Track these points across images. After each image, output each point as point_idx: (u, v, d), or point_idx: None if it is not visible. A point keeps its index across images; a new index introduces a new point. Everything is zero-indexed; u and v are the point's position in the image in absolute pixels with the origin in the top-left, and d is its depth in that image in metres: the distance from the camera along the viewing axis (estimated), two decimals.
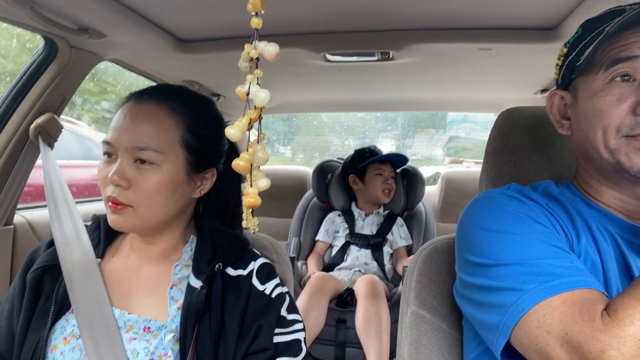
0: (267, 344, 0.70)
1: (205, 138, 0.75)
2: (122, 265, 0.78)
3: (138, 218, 0.70)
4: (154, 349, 0.68)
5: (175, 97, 0.74)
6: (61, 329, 0.70)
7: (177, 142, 0.72)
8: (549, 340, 0.52)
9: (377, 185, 2.07)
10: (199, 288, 0.71)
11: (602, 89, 0.60)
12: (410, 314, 0.83)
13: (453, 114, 5.34)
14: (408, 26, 1.19)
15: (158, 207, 0.71)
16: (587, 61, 0.62)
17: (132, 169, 0.69)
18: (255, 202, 0.44)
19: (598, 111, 0.61)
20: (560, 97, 0.70)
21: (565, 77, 0.68)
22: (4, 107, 1.19)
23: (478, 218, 0.66)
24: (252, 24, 0.41)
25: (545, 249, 0.58)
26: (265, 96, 0.41)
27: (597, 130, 0.61)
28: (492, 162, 0.85)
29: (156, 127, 0.70)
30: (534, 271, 0.56)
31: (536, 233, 0.60)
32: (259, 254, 0.81)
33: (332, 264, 2.06)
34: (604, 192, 0.66)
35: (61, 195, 0.90)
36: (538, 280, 0.55)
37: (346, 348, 1.74)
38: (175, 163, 0.71)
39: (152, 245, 0.77)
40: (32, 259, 0.78)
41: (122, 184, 0.68)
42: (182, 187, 0.73)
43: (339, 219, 2.14)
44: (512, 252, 0.59)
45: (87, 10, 1.00)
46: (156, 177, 0.69)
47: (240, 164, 0.43)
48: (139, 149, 0.68)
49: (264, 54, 0.41)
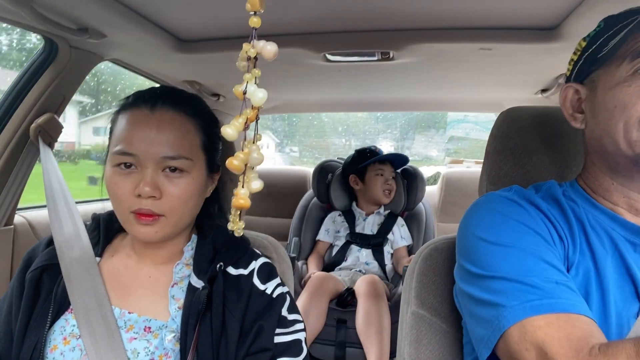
0: (267, 344, 0.70)
1: (215, 138, 0.77)
2: (122, 264, 0.78)
3: (170, 226, 0.70)
4: (155, 349, 0.68)
5: (185, 100, 0.74)
6: (60, 329, 0.70)
7: (199, 146, 0.72)
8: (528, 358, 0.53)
9: (377, 186, 2.07)
10: (200, 288, 0.70)
11: (625, 80, 0.60)
12: (411, 314, 0.83)
13: (453, 114, 5.34)
14: (408, 26, 1.19)
15: (188, 212, 0.72)
16: (610, 53, 0.61)
17: (160, 177, 0.68)
18: (245, 204, 0.44)
19: (620, 102, 0.60)
20: (574, 91, 0.69)
21: (582, 70, 0.67)
22: (5, 107, 1.19)
23: (475, 226, 0.67)
24: (251, 23, 0.41)
25: (537, 265, 0.59)
26: (262, 96, 0.41)
27: (618, 122, 0.60)
28: (492, 162, 0.85)
29: (182, 134, 0.69)
30: (521, 288, 0.57)
31: (530, 246, 0.61)
32: (260, 254, 0.81)
33: (333, 264, 2.06)
34: (613, 190, 0.65)
35: (60, 194, 0.90)
36: (522, 298, 0.56)
37: (346, 348, 1.74)
38: (200, 167, 0.72)
39: (160, 250, 0.77)
40: (31, 257, 0.78)
41: (155, 194, 0.66)
42: (204, 189, 0.75)
43: (340, 219, 2.14)
44: (503, 266, 0.60)
45: (87, 10, 1.00)
46: (187, 184, 0.69)
47: (235, 162, 0.42)
48: (170, 159, 0.67)
49: (262, 53, 0.41)
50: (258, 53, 0.41)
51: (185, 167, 0.69)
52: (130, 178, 0.68)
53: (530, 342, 0.53)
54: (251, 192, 0.45)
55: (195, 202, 0.72)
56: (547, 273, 0.58)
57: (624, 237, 0.63)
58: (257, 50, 0.41)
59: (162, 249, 0.77)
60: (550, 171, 0.81)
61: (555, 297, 0.55)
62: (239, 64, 0.43)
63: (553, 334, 0.52)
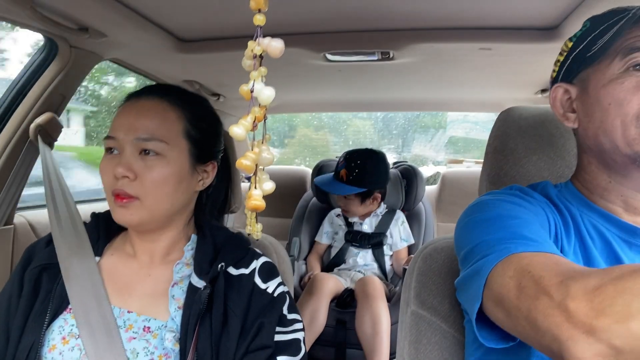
0: (267, 341, 0.70)
1: (206, 131, 0.77)
2: (122, 263, 0.78)
3: (145, 210, 0.70)
4: (154, 349, 0.68)
5: (174, 93, 0.77)
6: (59, 329, 0.70)
7: (180, 133, 0.73)
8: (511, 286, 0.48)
9: (337, 203, 2.09)
10: (202, 288, 0.70)
11: (618, 77, 0.60)
12: (410, 313, 0.83)
13: (453, 114, 5.34)
14: (408, 26, 1.19)
15: (165, 198, 0.72)
16: (600, 51, 0.61)
17: (137, 160, 0.70)
18: (260, 205, 0.43)
19: (615, 100, 0.60)
20: (564, 91, 0.69)
21: (570, 70, 0.67)
22: (4, 106, 1.19)
23: (467, 213, 0.66)
24: (255, 22, 0.40)
25: (527, 225, 0.57)
26: (269, 94, 0.40)
27: (614, 120, 0.60)
28: (492, 162, 0.85)
29: (160, 119, 0.72)
30: (508, 237, 0.54)
31: (522, 215, 0.59)
32: (260, 253, 0.82)
33: (332, 265, 2.06)
34: (611, 189, 0.65)
35: (60, 194, 0.90)
36: (508, 243, 0.53)
37: (346, 349, 1.74)
38: (179, 154, 0.72)
39: (154, 243, 0.77)
40: (30, 255, 0.78)
41: (128, 174, 0.68)
42: (187, 179, 0.74)
43: (338, 220, 2.14)
44: (491, 232, 0.58)
45: (87, 10, 1.00)
46: (162, 167, 0.70)
47: (246, 163, 0.42)
48: (144, 140, 0.69)
49: (268, 51, 0.40)
50: (264, 51, 0.40)
51: (160, 149, 0.70)
52: (113, 161, 0.70)
53: (514, 269, 0.49)
54: (264, 193, 0.44)
55: (174, 188, 0.72)
56: (538, 231, 0.56)
57: (619, 237, 0.63)
58: (263, 48, 0.40)
59: (155, 242, 0.77)
60: (550, 171, 0.81)
61: (544, 244, 0.53)
62: (244, 63, 0.42)
63: (538, 260, 0.49)
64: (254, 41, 0.40)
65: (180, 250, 0.79)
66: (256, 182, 0.44)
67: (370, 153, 1.97)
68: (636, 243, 0.62)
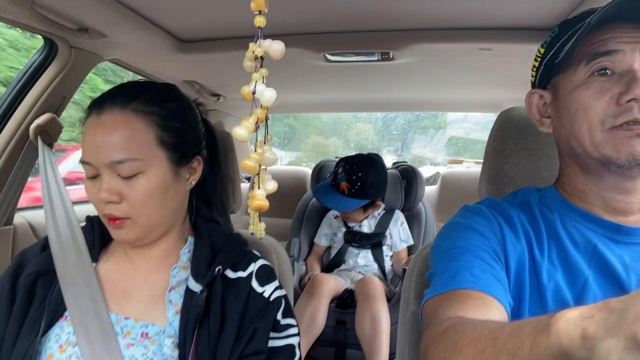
0: (261, 347, 0.69)
1: (180, 130, 0.73)
2: (118, 269, 0.76)
3: (139, 227, 0.70)
4: (153, 355, 0.67)
5: (137, 96, 0.70)
6: (56, 337, 0.68)
7: (153, 143, 0.69)
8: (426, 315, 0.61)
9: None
10: (198, 292, 0.69)
11: (583, 82, 0.61)
12: (411, 314, 0.83)
13: (453, 114, 5.34)
14: (408, 26, 1.19)
15: (154, 211, 0.70)
16: (566, 57, 0.62)
17: (118, 182, 0.67)
18: (264, 205, 0.43)
19: (580, 105, 0.61)
20: (539, 96, 0.70)
21: (543, 76, 0.69)
22: (4, 107, 1.19)
23: (434, 243, 0.72)
24: (256, 23, 0.40)
25: (468, 257, 0.62)
26: (271, 95, 0.40)
27: (581, 125, 0.61)
28: (492, 162, 0.85)
29: (127, 135, 0.67)
30: (448, 274, 0.62)
31: (470, 243, 0.64)
32: (258, 255, 0.80)
33: (332, 266, 2.06)
34: (588, 191, 0.65)
35: (58, 196, 0.89)
36: (442, 281, 0.61)
37: (346, 349, 1.74)
38: (158, 164, 0.69)
39: (151, 250, 0.76)
40: (23, 261, 0.76)
41: (113, 199, 0.67)
42: (173, 185, 0.72)
43: (336, 221, 2.12)
44: (441, 261, 0.65)
45: (87, 10, 1.00)
46: (143, 184, 0.68)
47: (249, 164, 0.42)
48: (117, 163, 0.66)
49: (269, 52, 0.40)
50: (265, 52, 0.40)
51: (137, 168, 0.67)
52: (96, 185, 0.68)
53: (430, 308, 0.60)
54: (267, 193, 0.44)
55: (160, 200, 0.70)
56: (474, 262, 0.61)
57: (604, 235, 0.64)
58: (264, 49, 0.40)
59: (151, 249, 0.76)
60: (549, 171, 0.81)
61: (461, 276, 0.60)
62: (245, 64, 0.42)
63: (431, 305, 0.60)
64: (255, 43, 0.40)
65: (177, 254, 0.77)
66: (259, 182, 0.43)
67: (369, 162, 1.93)
68: (622, 240, 0.63)
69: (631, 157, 0.57)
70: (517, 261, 0.64)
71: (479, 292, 0.58)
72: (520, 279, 0.64)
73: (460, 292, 0.58)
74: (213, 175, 0.84)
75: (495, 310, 0.57)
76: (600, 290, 0.61)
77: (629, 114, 0.57)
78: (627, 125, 0.57)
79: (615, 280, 0.61)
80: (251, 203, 0.43)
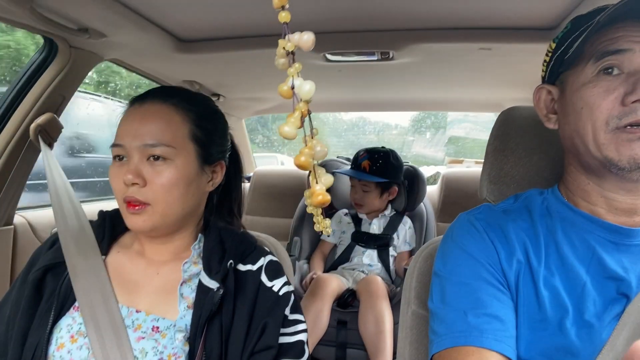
0: (272, 341, 0.70)
1: (211, 131, 0.77)
2: (129, 261, 0.78)
3: (157, 215, 0.71)
4: (163, 349, 0.68)
5: (178, 95, 0.76)
6: (67, 327, 0.70)
7: (186, 136, 0.73)
8: None
9: (352, 197, 2.07)
10: (214, 289, 0.70)
11: (590, 80, 0.60)
12: (411, 313, 0.83)
13: (453, 113, 5.34)
14: (408, 26, 1.19)
15: (175, 202, 0.72)
16: (575, 54, 0.61)
17: (145, 166, 0.70)
18: (326, 199, 0.41)
19: (586, 103, 0.60)
20: (547, 92, 0.70)
21: (553, 71, 0.68)
22: (5, 106, 1.19)
23: (436, 263, 0.72)
24: (280, 19, 0.39)
25: (477, 301, 0.62)
26: (310, 87, 0.39)
27: (586, 124, 0.60)
28: (492, 162, 0.85)
29: (165, 124, 0.71)
30: (452, 318, 0.63)
31: (471, 278, 0.65)
32: (268, 251, 0.82)
33: (337, 264, 2.06)
34: (590, 190, 0.65)
35: (64, 192, 0.90)
36: (449, 329, 0.62)
37: (347, 349, 1.74)
38: (187, 157, 0.72)
39: (165, 245, 0.77)
40: (35, 259, 0.78)
41: (138, 181, 0.69)
42: (196, 180, 0.74)
43: (346, 219, 2.13)
44: (449, 300, 0.65)
45: (87, 10, 1.00)
46: (170, 171, 0.70)
47: (303, 159, 0.41)
48: (150, 146, 0.70)
49: (300, 45, 0.39)
50: (295, 46, 0.40)
51: (168, 154, 0.70)
52: (123, 169, 0.70)
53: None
54: (326, 186, 0.43)
55: (183, 191, 0.72)
56: (480, 305, 0.62)
57: (605, 238, 0.63)
58: (294, 44, 0.39)
59: (166, 244, 0.77)
60: (551, 170, 0.81)
61: (479, 334, 0.60)
62: (277, 62, 0.41)
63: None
64: (284, 39, 0.40)
65: (188, 249, 0.79)
66: (316, 177, 0.42)
67: (388, 150, 2.06)
68: (623, 242, 0.62)
69: (632, 160, 0.57)
70: (514, 273, 0.64)
71: (478, 348, 0.59)
72: (518, 287, 0.64)
73: (458, 351, 0.60)
74: (236, 183, 0.88)
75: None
76: (599, 294, 0.60)
77: (633, 115, 0.57)
78: (630, 128, 0.57)
79: (614, 284, 0.60)
80: (312, 200, 0.42)
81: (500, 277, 0.64)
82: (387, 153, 2.01)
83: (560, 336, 0.60)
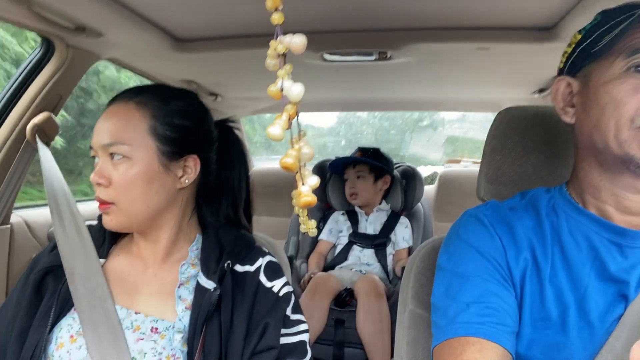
0: (273, 342, 0.70)
1: (179, 127, 0.74)
2: (128, 264, 0.78)
3: (122, 214, 0.71)
4: (162, 350, 0.68)
5: (145, 92, 0.75)
6: (68, 327, 0.70)
7: (145, 132, 0.72)
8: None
9: (346, 191, 2.10)
10: (211, 289, 0.70)
11: (619, 76, 0.59)
12: (408, 313, 0.83)
13: (451, 113, 5.35)
14: (405, 26, 1.19)
15: (136, 199, 0.71)
16: (605, 48, 0.60)
17: (108, 166, 0.71)
18: (312, 201, 0.41)
19: (612, 99, 0.59)
20: (566, 84, 0.68)
21: (575, 64, 0.66)
22: (1, 106, 1.18)
23: (440, 258, 0.72)
24: (273, 21, 0.40)
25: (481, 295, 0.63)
26: (300, 90, 0.39)
27: (609, 120, 0.59)
28: (490, 162, 0.85)
29: (124, 121, 0.71)
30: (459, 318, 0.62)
31: (477, 273, 0.65)
32: (266, 252, 0.81)
33: (334, 264, 2.06)
34: (602, 188, 0.64)
35: (62, 194, 0.90)
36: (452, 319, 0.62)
37: (345, 348, 1.74)
38: (145, 153, 0.71)
39: (156, 243, 0.77)
40: (36, 262, 0.78)
41: (101, 181, 0.70)
42: (160, 178, 0.73)
43: (343, 218, 2.14)
44: (453, 293, 0.65)
45: (84, 9, 0.99)
46: (127, 169, 0.70)
47: (288, 161, 0.41)
48: (108, 145, 0.70)
49: (291, 47, 0.39)
50: (287, 48, 0.40)
51: (124, 152, 0.70)
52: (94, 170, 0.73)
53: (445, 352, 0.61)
54: (312, 188, 0.43)
55: (144, 188, 0.71)
56: (484, 299, 0.62)
57: (609, 239, 0.63)
58: (286, 46, 0.39)
59: (154, 242, 0.77)
60: (548, 170, 0.81)
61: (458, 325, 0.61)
62: (268, 63, 0.41)
63: (436, 355, 0.62)
64: (276, 40, 0.40)
65: (185, 251, 0.78)
66: (302, 178, 0.43)
67: (378, 148, 2.18)
68: (628, 244, 0.62)
69: None
70: (521, 271, 0.64)
71: (478, 338, 0.59)
72: (523, 284, 0.64)
73: (459, 341, 0.60)
74: (229, 179, 0.84)
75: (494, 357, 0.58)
76: (601, 295, 0.61)
77: None
78: None
79: (616, 286, 0.61)
80: (298, 201, 0.42)
81: (506, 273, 0.64)
82: (378, 148, 2.15)
83: (562, 335, 0.60)
